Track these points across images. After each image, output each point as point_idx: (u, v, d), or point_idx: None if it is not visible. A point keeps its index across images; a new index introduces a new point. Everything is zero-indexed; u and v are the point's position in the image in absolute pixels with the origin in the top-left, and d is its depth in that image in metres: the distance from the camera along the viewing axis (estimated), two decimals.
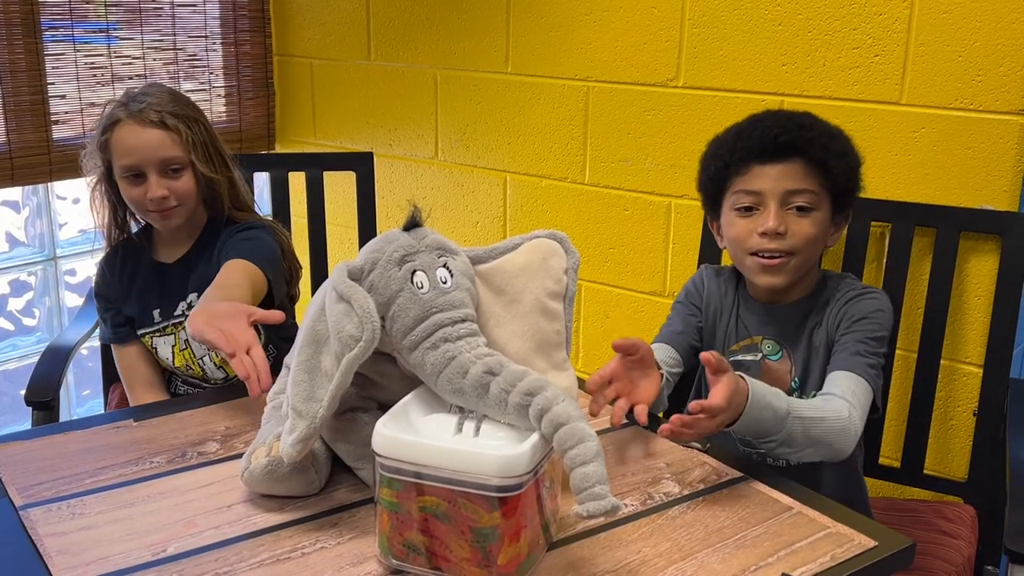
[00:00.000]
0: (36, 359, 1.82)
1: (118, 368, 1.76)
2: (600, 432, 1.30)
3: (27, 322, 2.55)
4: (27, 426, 1.72)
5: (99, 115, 1.68)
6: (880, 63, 1.74)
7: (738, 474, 1.22)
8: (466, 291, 1.09)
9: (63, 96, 2.33)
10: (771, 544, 1.06)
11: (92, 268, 2.32)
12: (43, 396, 1.70)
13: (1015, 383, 1.64)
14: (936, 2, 1.67)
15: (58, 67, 2.32)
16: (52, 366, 1.78)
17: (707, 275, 1.61)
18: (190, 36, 2.58)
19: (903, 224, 1.70)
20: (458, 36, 2.34)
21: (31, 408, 1.70)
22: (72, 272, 2.60)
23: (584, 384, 1.28)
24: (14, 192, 2.45)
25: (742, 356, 1.55)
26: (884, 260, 1.73)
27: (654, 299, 2.13)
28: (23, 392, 1.71)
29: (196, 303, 1.67)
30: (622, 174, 2.13)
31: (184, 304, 1.69)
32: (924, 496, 1.77)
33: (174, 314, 1.70)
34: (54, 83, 2.32)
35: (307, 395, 1.03)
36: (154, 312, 1.71)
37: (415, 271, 1.06)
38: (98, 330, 1.83)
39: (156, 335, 1.71)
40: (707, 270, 1.62)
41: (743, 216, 1.47)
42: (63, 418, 1.76)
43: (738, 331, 1.56)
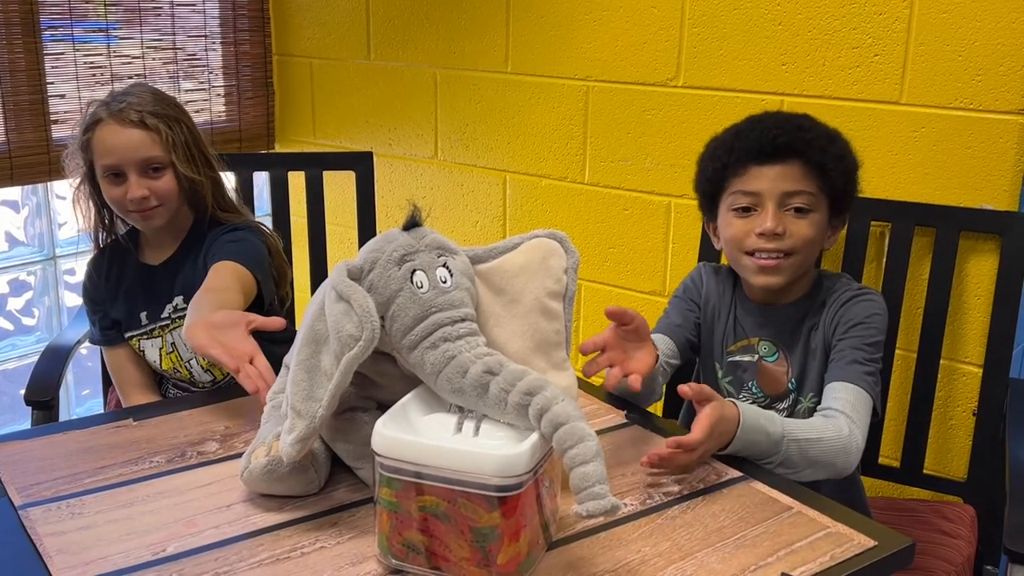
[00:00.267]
0: (35, 359, 1.83)
1: (109, 371, 1.75)
2: (600, 432, 1.30)
3: (26, 322, 2.55)
4: (27, 426, 1.72)
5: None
6: (880, 63, 1.74)
7: (738, 474, 1.22)
8: (466, 291, 1.09)
9: (62, 96, 2.33)
10: (771, 544, 1.06)
11: None
12: (42, 396, 1.70)
13: (1015, 383, 1.64)
14: (936, 2, 1.67)
15: (57, 66, 2.32)
16: (51, 366, 1.78)
17: (706, 273, 1.61)
18: (189, 36, 2.58)
19: (903, 224, 1.70)
20: (458, 36, 2.34)
21: (30, 408, 1.70)
22: (71, 272, 2.60)
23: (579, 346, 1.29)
24: (13, 192, 2.45)
25: (739, 357, 1.55)
26: (884, 260, 1.73)
27: (654, 299, 2.13)
28: (22, 392, 1.71)
29: (183, 305, 1.66)
30: (622, 174, 2.13)
31: (171, 306, 1.68)
32: (924, 496, 1.77)
33: (161, 316, 1.68)
34: (53, 82, 2.32)
35: (306, 395, 1.03)
36: (141, 315, 1.69)
37: (415, 271, 1.06)
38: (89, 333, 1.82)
39: (143, 337, 1.70)
40: (706, 268, 1.62)
41: (740, 217, 1.47)
42: (62, 418, 1.76)
43: (736, 332, 1.56)
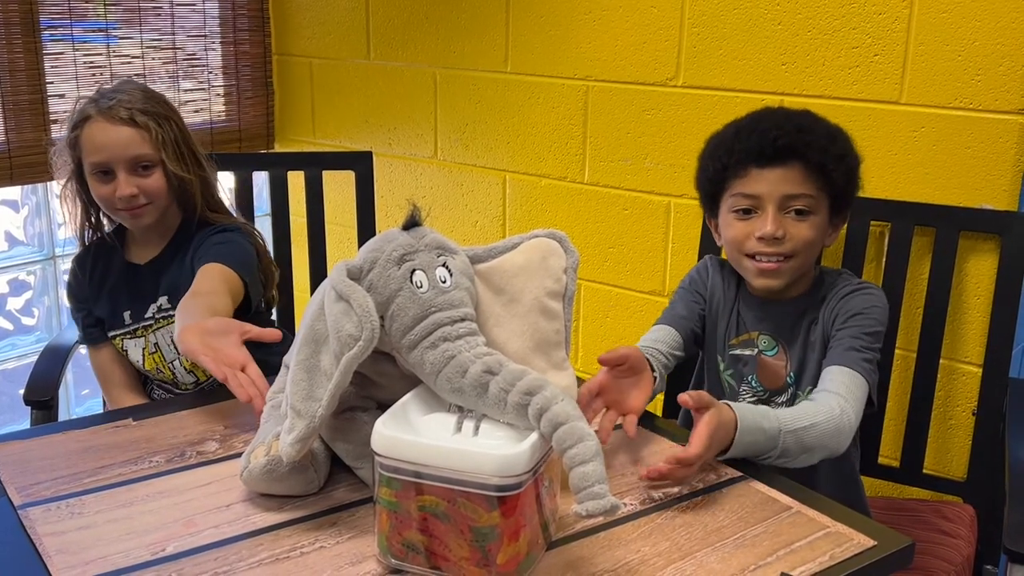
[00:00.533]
0: (35, 358, 1.83)
1: (93, 370, 1.74)
2: (598, 432, 1.30)
3: (26, 321, 2.55)
4: (26, 425, 1.72)
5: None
6: (880, 62, 1.74)
7: (737, 474, 1.22)
8: (465, 290, 1.09)
9: (62, 95, 2.33)
10: (770, 543, 1.06)
11: None
12: (42, 395, 1.70)
13: (1014, 383, 1.64)
14: (936, 2, 1.67)
15: (57, 66, 2.32)
16: (51, 365, 1.78)
17: (712, 266, 1.61)
18: (189, 35, 2.58)
19: (902, 223, 1.70)
20: (457, 35, 2.34)
21: (30, 407, 1.70)
22: None
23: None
24: (13, 191, 2.45)
25: (740, 351, 1.55)
26: (883, 259, 1.73)
27: (653, 298, 2.13)
28: (22, 391, 1.71)
29: (167, 306, 1.65)
30: (621, 173, 2.13)
31: (155, 306, 1.67)
32: (923, 495, 1.77)
33: (144, 316, 1.67)
34: (53, 82, 2.32)
35: (306, 394, 1.03)
36: (124, 314, 1.69)
37: (414, 270, 1.06)
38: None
39: (126, 337, 1.69)
40: (712, 261, 1.62)
41: (741, 219, 1.47)
42: (62, 417, 1.77)
43: (738, 326, 1.56)
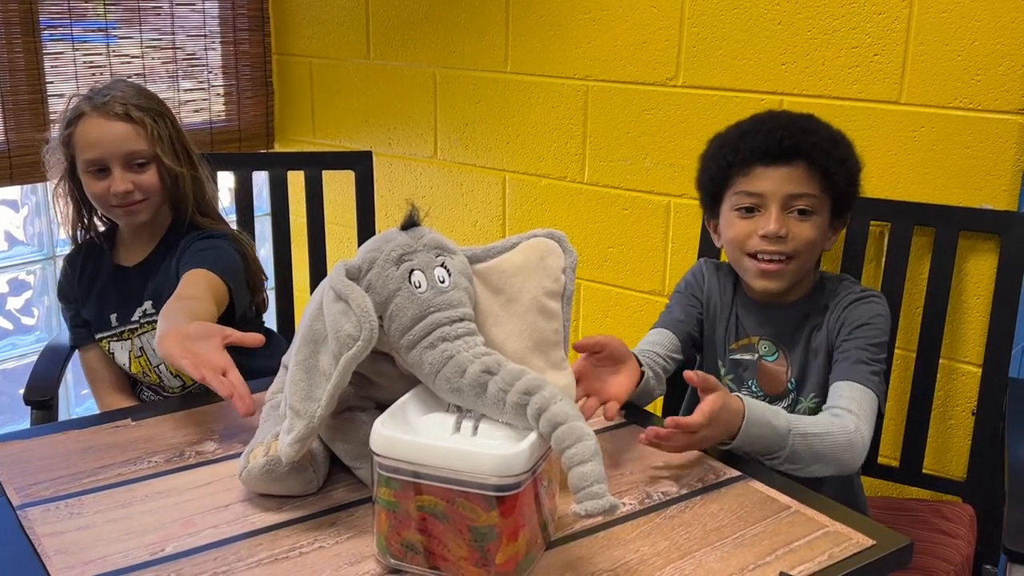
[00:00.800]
0: (35, 358, 1.82)
1: (83, 371, 1.74)
2: (598, 431, 1.30)
3: (26, 321, 2.55)
4: (26, 425, 1.72)
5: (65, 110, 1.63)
6: (879, 62, 1.74)
7: (736, 473, 1.22)
8: (464, 290, 1.09)
9: (62, 95, 2.33)
10: (769, 543, 1.06)
11: None
12: (42, 395, 1.70)
13: (1014, 382, 1.64)
14: (935, 2, 1.67)
15: (57, 66, 2.32)
16: (51, 365, 1.78)
17: (707, 269, 1.61)
18: (189, 35, 2.58)
19: (902, 223, 1.70)
20: (457, 35, 2.34)
21: (30, 407, 1.70)
22: None
23: None
24: (13, 191, 2.45)
25: (740, 355, 1.55)
26: (883, 259, 1.73)
27: (653, 298, 2.13)
28: (22, 391, 1.71)
29: (151, 310, 1.64)
30: (621, 173, 2.13)
31: (140, 310, 1.66)
32: (923, 495, 1.77)
33: (131, 319, 1.67)
34: (53, 82, 2.32)
35: (305, 394, 1.03)
36: (111, 316, 1.68)
37: (413, 270, 1.06)
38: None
39: (113, 340, 1.69)
40: (707, 264, 1.62)
41: (743, 217, 1.47)
42: (62, 417, 1.77)
43: (737, 330, 1.56)
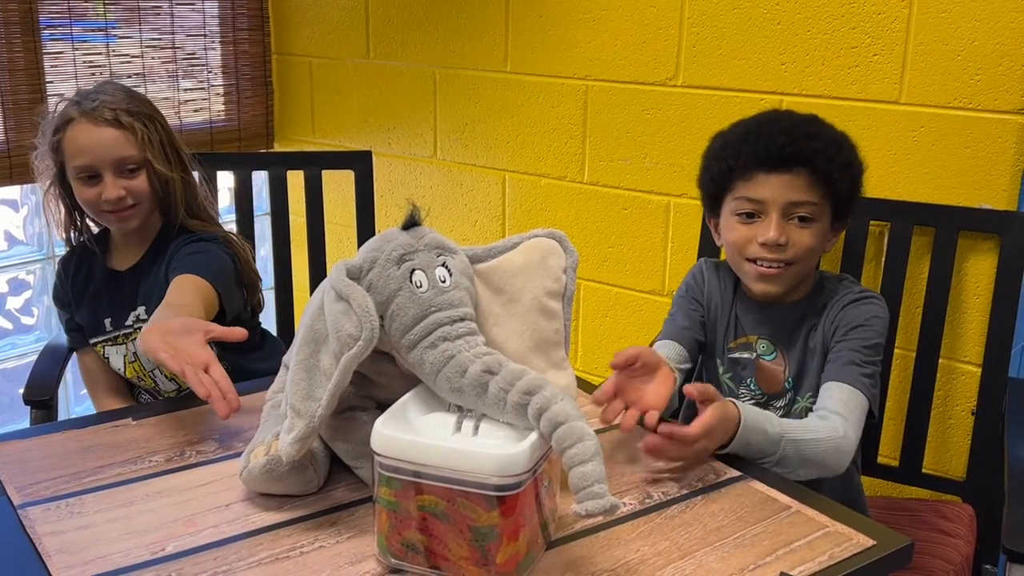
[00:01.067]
0: (34, 358, 1.82)
1: (81, 374, 1.73)
2: (598, 431, 1.30)
3: (25, 321, 2.55)
4: (25, 425, 1.72)
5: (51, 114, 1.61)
6: (879, 62, 1.74)
7: (736, 473, 1.22)
8: (465, 290, 1.09)
9: (61, 95, 2.31)
10: (769, 543, 1.06)
11: None
12: (41, 395, 1.70)
13: (1013, 382, 1.64)
14: (935, 1, 1.67)
15: (57, 65, 2.32)
16: (50, 365, 1.78)
17: (707, 269, 1.61)
18: (189, 35, 2.58)
19: (902, 223, 1.70)
20: (457, 35, 2.34)
21: (29, 407, 1.70)
22: None
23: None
24: (12, 191, 2.45)
25: (738, 354, 1.55)
26: (883, 259, 1.73)
27: (653, 298, 2.13)
28: (21, 391, 1.71)
29: (145, 316, 1.62)
30: (621, 173, 2.13)
31: (134, 315, 1.65)
32: (922, 495, 1.77)
33: (125, 324, 1.66)
34: (52, 81, 2.31)
35: (306, 394, 1.03)
36: (105, 321, 1.67)
37: (414, 270, 1.06)
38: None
39: (108, 344, 1.68)
40: (707, 264, 1.62)
41: (744, 222, 1.46)
42: (61, 417, 1.76)
43: (736, 329, 1.56)
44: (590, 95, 2.14)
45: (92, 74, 2.39)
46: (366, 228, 2.15)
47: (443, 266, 1.08)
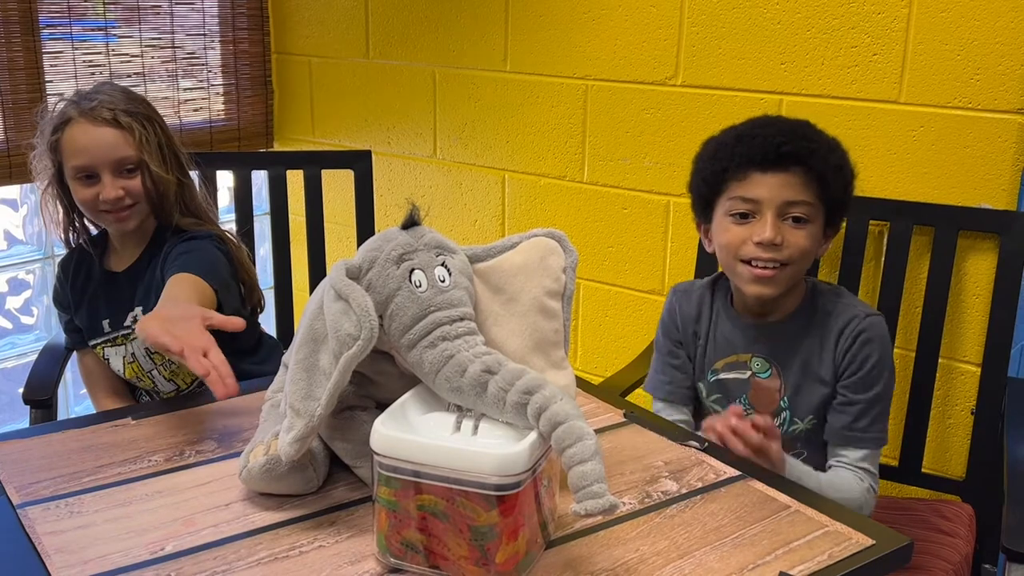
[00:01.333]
0: (34, 357, 1.82)
1: (80, 374, 1.73)
2: (598, 431, 1.30)
3: (25, 320, 2.55)
4: (25, 424, 1.72)
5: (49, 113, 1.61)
6: (879, 62, 1.75)
7: (736, 473, 1.22)
8: (464, 290, 1.09)
9: (61, 94, 2.32)
10: (769, 542, 1.06)
11: None
12: (41, 394, 1.70)
13: (1013, 382, 1.64)
14: (935, 1, 1.67)
15: (56, 65, 2.32)
16: (50, 364, 1.78)
17: (676, 298, 1.59)
18: (188, 34, 2.58)
19: (901, 223, 1.70)
20: (457, 34, 2.34)
21: (29, 406, 1.70)
22: None
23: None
24: (12, 190, 2.45)
25: (725, 375, 1.53)
26: (882, 259, 1.73)
27: (652, 297, 2.13)
28: (21, 390, 1.71)
29: (141, 317, 1.62)
30: (621, 172, 2.13)
31: (132, 315, 1.64)
32: (922, 495, 1.77)
33: (123, 325, 1.66)
34: (52, 81, 2.31)
35: (305, 393, 1.03)
36: (104, 322, 1.67)
37: (413, 270, 1.06)
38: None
39: (107, 345, 1.68)
40: (675, 294, 1.60)
41: (738, 223, 1.45)
42: (61, 416, 1.77)
43: (718, 347, 1.54)
44: (590, 95, 2.14)
45: (92, 74, 2.39)
46: (366, 228, 2.15)
47: (442, 266, 1.08)
